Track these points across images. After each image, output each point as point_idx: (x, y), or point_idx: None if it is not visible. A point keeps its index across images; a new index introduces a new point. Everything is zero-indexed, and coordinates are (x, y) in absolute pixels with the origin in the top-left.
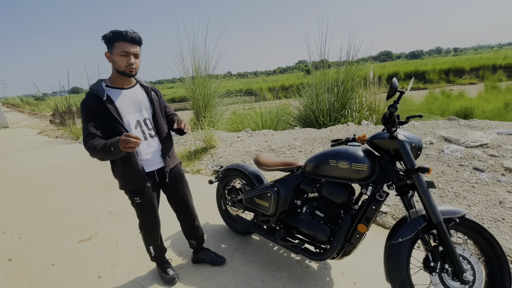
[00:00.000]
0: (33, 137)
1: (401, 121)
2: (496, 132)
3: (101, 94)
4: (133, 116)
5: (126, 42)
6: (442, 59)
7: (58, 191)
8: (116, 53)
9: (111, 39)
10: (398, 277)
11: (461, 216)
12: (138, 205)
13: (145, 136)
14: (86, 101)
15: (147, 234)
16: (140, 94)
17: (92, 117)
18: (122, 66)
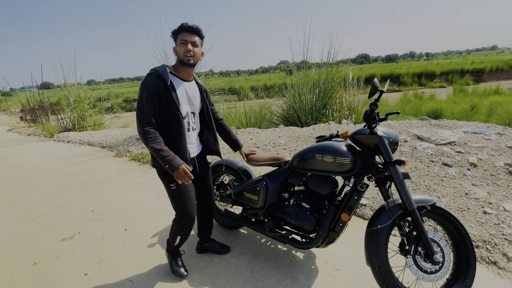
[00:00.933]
0: (3, 134)
1: (380, 118)
2: (462, 131)
3: (166, 78)
4: (185, 107)
5: (185, 32)
6: (415, 63)
7: (35, 190)
8: (178, 44)
9: (175, 32)
10: (378, 260)
11: (432, 204)
12: (174, 192)
13: (189, 127)
14: (152, 82)
15: (181, 224)
16: (195, 89)
17: (154, 99)
18: (181, 54)
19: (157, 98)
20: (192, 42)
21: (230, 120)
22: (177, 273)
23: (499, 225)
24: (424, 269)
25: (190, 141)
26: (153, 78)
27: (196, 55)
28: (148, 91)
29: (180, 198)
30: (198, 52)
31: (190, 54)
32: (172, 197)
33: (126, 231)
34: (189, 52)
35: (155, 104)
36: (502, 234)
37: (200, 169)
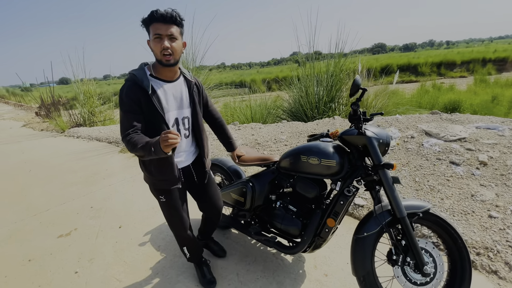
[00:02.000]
0: (18, 130)
1: (366, 117)
2: (475, 126)
3: (146, 85)
4: (172, 114)
5: (158, 23)
6: (434, 52)
7: (39, 186)
8: (151, 39)
9: (146, 22)
10: (363, 269)
11: (425, 211)
12: (163, 204)
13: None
14: (129, 91)
15: (176, 234)
16: (183, 89)
17: (134, 109)
18: (158, 53)
19: (138, 108)
20: (169, 35)
21: (236, 114)
22: (203, 284)
23: (504, 230)
24: (414, 281)
25: (182, 150)
26: (130, 87)
27: (176, 51)
28: (126, 101)
29: (168, 210)
30: (178, 47)
31: (168, 52)
32: (163, 209)
33: (121, 228)
34: (167, 50)
35: (136, 114)
36: (507, 240)
37: (198, 178)
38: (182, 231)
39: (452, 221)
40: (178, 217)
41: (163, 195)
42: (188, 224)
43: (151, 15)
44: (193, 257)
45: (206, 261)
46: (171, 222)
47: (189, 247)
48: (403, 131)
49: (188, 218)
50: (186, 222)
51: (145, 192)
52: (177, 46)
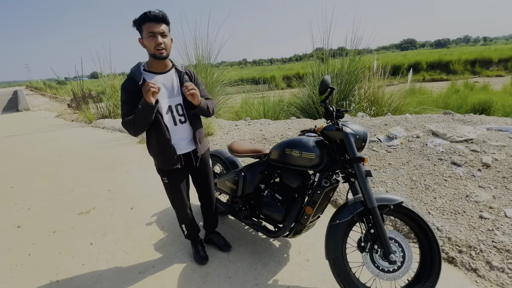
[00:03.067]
0: (51, 120)
1: (337, 114)
2: (486, 127)
3: (138, 78)
4: (165, 102)
5: (151, 22)
6: (469, 48)
7: (67, 170)
8: (144, 37)
9: (138, 22)
10: (333, 253)
11: (397, 204)
12: (166, 185)
13: (175, 121)
14: (125, 84)
15: (177, 213)
16: (174, 79)
17: (130, 99)
18: (152, 48)
19: (133, 98)
20: (161, 32)
21: (249, 111)
22: (196, 259)
23: (492, 231)
24: (381, 268)
25: (181, 136)
26: (127, 81)
27: (167, 46)
28: (123, 93)
29: (171, 191)
30: (168, 42)
31: (162, 47)
32: (166, 189)
33: (132, 209)
34: (160, 45)
35: (132, 104)
36: (492, 241)
37: (199, 165)
38: (181, 210)
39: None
40: (178, 197)
41: (165, 177)
42: (188, 205)
43: (145, 16)
44: (190, 235)
45: (202, 240)
46: (173, 201)
47: (187, 225)
48: (410, 131)
49: (188, 200)
50: (186, 202)
51: (156, 179)
52: (168, 42)
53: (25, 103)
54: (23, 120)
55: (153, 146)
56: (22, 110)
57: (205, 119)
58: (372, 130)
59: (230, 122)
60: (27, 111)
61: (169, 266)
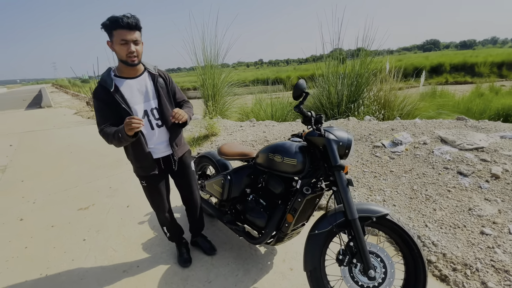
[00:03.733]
0: (70, 116)
1: (316, 119)
2: (500, 135)
3: (109, 85)
4: (140, 107)
5: (124, 29)
6: (496, 50)
7: (75, 166)
8: (115, 42)
9: (108, 27)
10: (310, 264)
11: (381, 216)
12: (145, 188)
13: (151, 125)
14: (96, 92)
15: (157, 215)
16: (147, 83)
17: (102, 107)
18: (123, 55)
19: (106, 106)
20: (134, 40)
21: (256, 112)
22: (179, 262)
23: (492, 249)
24: (361, 283)
25: (159, 139)
26: (98, 88)
27: (139, 53)
28: (96, 102)
29: (149, 193)
30: (140, 49)
31: (134, 54)
32: (145, 192)
33: (128, 207)
34: (133, 53)
35: (105, 112)
36: (491, 259)
37: (179, 167)
38: (161, 213)
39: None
40: (157, 200)
41: (144, 181)
42: (167, 208)
43: (117, 23)
44: (172, 237)
45: (187, 242)
46: (152, 204)
47: (168, 227)
48: (417, 137)
49: (167, 202)
50: (165, 205)
51: None
52: (140, 49)
53: (47, 100)
54: (44, 116)
55: (129, 152)
56: (44, 107)
57: (210, 120)
58: (378, 135)
59: (235, 123)
60: (49, 107)
61: (153, 267)
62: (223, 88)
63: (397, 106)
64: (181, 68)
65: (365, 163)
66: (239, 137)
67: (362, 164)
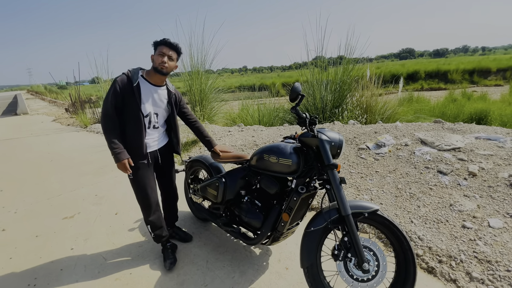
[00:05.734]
0: (48, 124)
1: (311, 121)
2: (475, 136)
3: (135, 79)
4: (149, 107)
5: (166, 46)
6: (467, 58)
7: (57, 174)
8: (156, 53)
9: (157, 43)
10: (307, 261)
11: (372, 211)
12: (132, 181)
13: (149, 125)
14: (120, 79)
15: (142, 211)
16: (163, 94)
17: (117, 93)
18: (157, 63)
19: (121, 93)
20: (169, 56)
21: (243, 117)
22: (165, 266)
23: (474, 241)
24: (355, 277)
25: (151, 137)
26: (123, 77)
27: (170, 67)
28: (115, 87)
29: (137, 186)
30: (172, 65)
31: (165, 65)
32: (132, 186)
33: (116, 215)
34: (164, 64)
35: (118, 98)
36: (474, 251)
37: (163, 162)
38: (147, 208)
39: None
40: (144, 193)
41: (131, 173)
42: (154, 203)
43: (163, 41)
44: (157, 237)
45: (173, 245)
46: (138, 197)
47: (153, 225)
48: (399, 139)
49: (155, 197)
50: (152, 200)
51: None
52: (172, 64)
53: (24, 107)
54: (20, 124)
55: (127, 139)
56: (20, 114)
57: None
58: (362, 138)
59: (223, 128)
60: (25, 115)
61: (146, 273)
62: (210, 93)
63: (379, 111)
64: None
65: (351, 164)
66: (228, 142)
67: (349, 165)
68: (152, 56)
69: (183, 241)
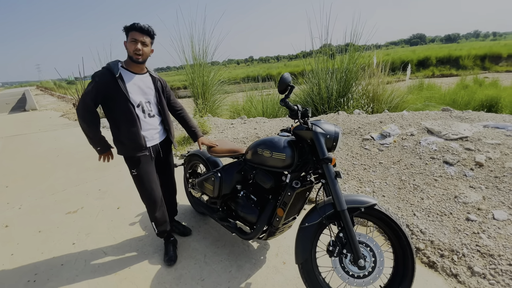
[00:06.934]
0: (56, 119)
1: (303, 113)
2: (483, 124)
3: (115, 71)
4: (137, 97)
5: (137, 32)
6: (479, 43)
7: (63, 169)
8: (128, 41)
9: (127, 29)
10: (301, 257)
11: (370, 206)
12: (135, 177)
13: (144, 114)
14: (100, 74)
15: (147, 208)
16: (148, 81)
17: (98, 88)
18: (131, 51)
19: (104, 89)
20: (142, 41)
21: (248, 108)
22: (164, 260)
23: (477, 234)
24: (351, 273)
25: (150, 126)
26: (103, 71)
27: (145, 53)
28: (95, 82)
29: (141, 182)
30: (147, 51)
31: (139, 52)
32: (135, 181)
33: (118, 209)
34: (139, 51)
35: (99, 94)
36: (477, 244)
37: (164, 155)
38: (153, 204)
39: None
40: (149, 189)
41: (134, 169)
42: (159, 198)
43: (133, 25)
44: (161, 233)
45: (174, 240)
46: (143, 194)
47: (158, 222)
48: (404, 128)
49: (159, 192)
50: (157, 195)
51: None
52: (146, 50)
53: (32, 103)
54: (29, 120)
55: (122, 132)
56: (29, 110)
57: (201, 118)
58: (367, 128)
59: (226, 120)
60: (34, 110)
61: (145, 267)
62: (213, 86)
63: (386, 99)
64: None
65: (355, 156)
66: (230, 135)
67: (352, 157)
68: (125, 43)
69: (182, 235)
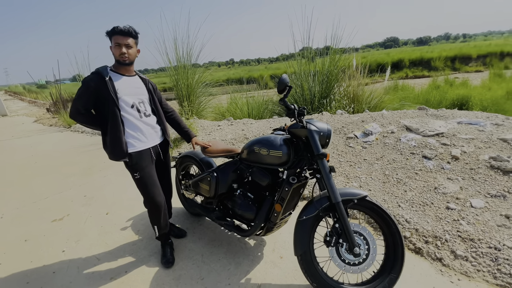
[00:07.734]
0: (29, 125)
1: (300, 112)
2: (457, 121)
3: (105, 74)
4: (130, 98)
5: (118, 35)
6: (449, 45)
7: (43, 176)
8: (113, 45)
9: (109, 34)
10: (300, 249)
11: (361, 198)
12: (138, 181)
13: (140, 114)
14: (90, 78)
15: (150, 212)
16: (138, 82)
17: (87, 94)
18: (117, 55)
19: (95, 93)
20: (126, 44)
21: (232, 110)
22: (162, 262)
23: (457, 221)
24: (347, 261)
25: (148, 126)
26: (93, 76)
27: (131, 55)
28: (85, 86)
29: (144, 186)
30: (133, 52)
31: (125, 55)
32: (138, 186)
33: (108, 214)
34: (125, 55)
35: (88, 99)
36: (457, 230)
37: (164, 157)
38: (157, 209)
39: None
40: (152, 192)
41: (137, 172)
42: (163, 202)
43: (113, 30)
44: (161, 236)
45: (171, 242)
46: (147, 198)
47: (160, 226)
48: (385, 126)
49: (163, 196)
50: (161, 199)
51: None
52: (132, 52)
53: (2, 108)
54: (0, 126)
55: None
56: None
57: (187, 120)
58: (350, 127)
59: (213, 122)
60: (4, 116)
61: (142, 270)
62: (197, 88)
63: (365, 100)
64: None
65: (340, 153)
66: (218, 136)
67: (338, 154)
68: (111, 47)
69: (178, 237)
